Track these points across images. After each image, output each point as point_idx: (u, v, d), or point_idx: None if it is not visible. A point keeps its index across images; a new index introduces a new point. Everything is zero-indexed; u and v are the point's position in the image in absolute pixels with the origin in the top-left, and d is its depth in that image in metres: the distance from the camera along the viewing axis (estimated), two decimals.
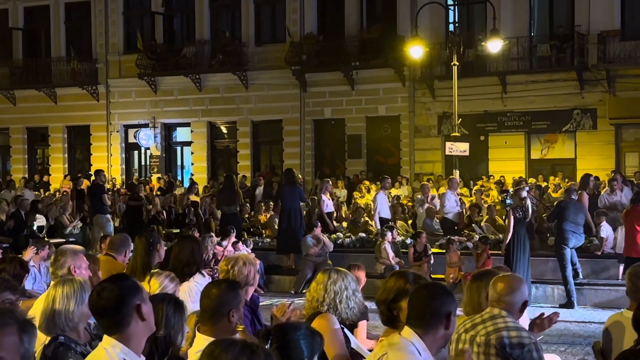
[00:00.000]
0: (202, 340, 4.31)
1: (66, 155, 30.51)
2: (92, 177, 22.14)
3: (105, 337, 3.55)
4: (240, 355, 2.80)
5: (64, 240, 16.40)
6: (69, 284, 4.55)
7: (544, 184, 21.81)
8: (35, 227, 17.63)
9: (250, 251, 15.22)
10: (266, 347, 3.18)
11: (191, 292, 6.61)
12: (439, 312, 3.73)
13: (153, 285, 5.29)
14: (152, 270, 6.45)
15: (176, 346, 4.22)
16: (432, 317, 3.73)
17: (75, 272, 5.68)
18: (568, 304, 13.24)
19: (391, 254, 14.73)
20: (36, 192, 24.27)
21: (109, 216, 18.18)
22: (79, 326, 4.54)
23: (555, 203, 15.83)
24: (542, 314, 5.11)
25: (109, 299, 3.50)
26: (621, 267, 14.01)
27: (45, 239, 15.30)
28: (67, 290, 4.50)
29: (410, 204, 20.56)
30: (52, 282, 5.13)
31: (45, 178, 28.85)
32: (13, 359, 2.74)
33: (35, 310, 4.63)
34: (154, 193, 22.60)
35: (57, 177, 28.95)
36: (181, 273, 6.68)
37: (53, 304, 4.47)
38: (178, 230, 17.41)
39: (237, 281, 5.19)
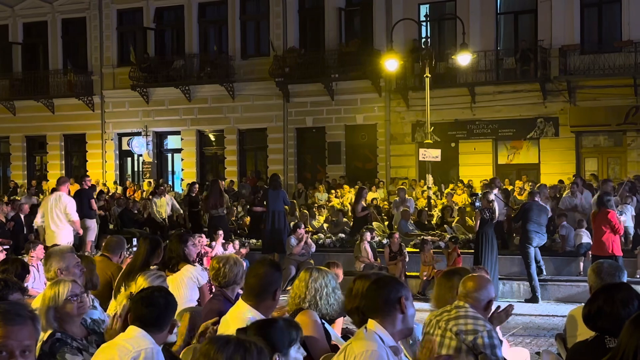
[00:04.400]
0: (245, 309, 4.51)
1: (63, 162, 30.29)
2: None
3: (133, 327, 3.97)
4: (234, 353, 2.76)
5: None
6: (60, 284, 4.54)
7: (510, 188, 21.90)
8: (33, 230, 17.46)
9: (243, 252, 15.22)
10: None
11: (182, 282, 6.61)
12: (390, 300, 3.79)
13: (140, 282, 5.25)
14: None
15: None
16: (386, 305, 3.78)
17: (61, 274, 5.61)
18: (533, 299, 13.32)
19: (370, 253, 14.75)
20: (34, 197, 24.05)
21: (94, 220, 17.93)
22: (74, 322, 4.52)
23: (520, 205, 15.90)
24: (499, 307, 5.16)
25: (158, 304, 3.97)
26: (581, 264, 14.13)
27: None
28: (61, 290, 4.49)
29: (386, 206, 20.59)
30: (48, 283, 5.11)
31: (43, 183, 28.63)
32: (34, 345, 2.88)
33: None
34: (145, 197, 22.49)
35: (55, 183, 28.69)
36: (171, 265, 6.74)
37: (47, 302, 4.47)
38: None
39: (279, 262, 5.37)
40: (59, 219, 13.41)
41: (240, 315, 4.51)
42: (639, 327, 3.23)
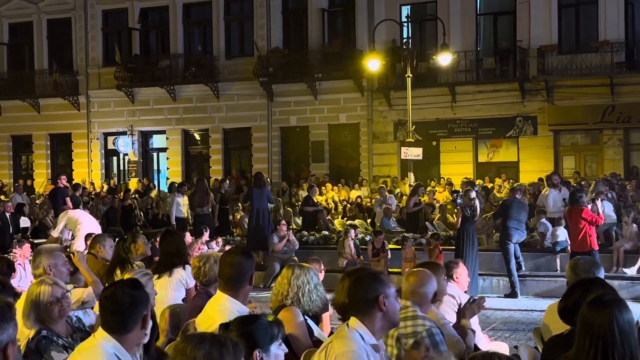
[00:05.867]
0: (224, 299, 4.50)
1: (49, 161, 30.08)
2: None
3: (100, 330, 3.48)
4: (211, 350, 2.75)
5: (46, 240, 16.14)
6: (41, 287, 4.50)
7: (489, 185, 22.03)
8: (20, 228, 17.37)
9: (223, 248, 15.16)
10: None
11: (171, 283, 6.59)
12: (368, 298, 3.74)
13: None
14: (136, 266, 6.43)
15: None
16: (365, 304, 3.74)
17: (50, 271, 5.58)
18: (512, 294, 13.39)
19: (353, 250, 14.79)
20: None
21: None
22: (58, 322, 4.49)
23: (500, 202, 15.99)
24: (471, 297, 5.19)
25: (122, 303, 3.44)
26: (558, 261, 14.23)
27: (30, 239, 15.08)
28: (42, 293, 4.46)
29: (369, 204, 20.63)
30: (33, 281, 5.07)
31: (29, 182, 28.48)
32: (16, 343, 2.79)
33: (19, 306, 4.56)
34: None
35: (41, 181, 28.62)
36: (170, 264, 6.68)
37: (29, 305, 4.43)
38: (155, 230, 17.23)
39: (248, 249, 5.26)
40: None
41: (221, 307, 4.50)
42: (600, 309, 3.34)
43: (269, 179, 22.59)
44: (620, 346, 3.29)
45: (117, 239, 8.26)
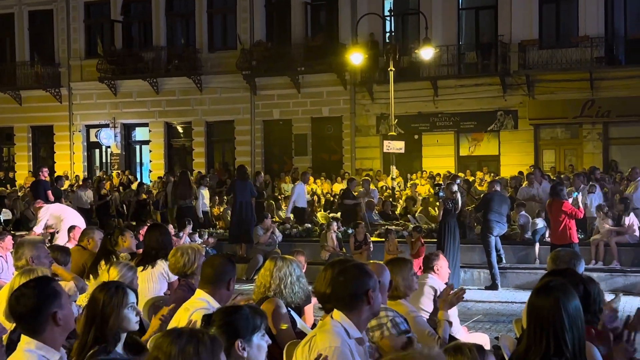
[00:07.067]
0: (200, 295, 4.62)
1: (31, 153, 29.83)
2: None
3: (22, 336, 3.42)
4: (187, 345, 2.72)
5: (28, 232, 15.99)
6: (27, 274, 4.46)
7: (471, 179, 22.11)
8: (2, 220, 17.20)
9: (211, 241, 15.14)
10: (210, 330, 3.09)
11: (153, 275, 6.56)
12: (358, 292, 3.71)
13: (112, 273, 5.21)
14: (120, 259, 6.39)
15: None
16: (354, 298, 3.72)
17: (33, 262, 5.56)
18: (493, 286, 13.46)
19: (336, 243, 14.79)
20: (2, 188, 23.70)
21: None
22: None
23: (481, 195, 16.06)
24: (450, 288, 5.20)
25: (25, 306, 3.35)
26: (536, 250, 14.33)
27: (11, 232, 14.92)
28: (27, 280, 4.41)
29: None
30: (15, 273, 5.03)
31: (11, 174, 28.24)
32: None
33: (1, 299, 4.52)
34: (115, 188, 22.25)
35: (22, 174, 28.34)
36: (152, 257, 6.67)
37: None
38: (135, 223, 17.13)
39: (234, 256, 5.28)
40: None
41: (196, 301, 4.60)
42: (547, 295, 3.41)
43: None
44: (570, 330, 3.33)
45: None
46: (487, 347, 5.76)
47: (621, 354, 3.70)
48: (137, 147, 29.23)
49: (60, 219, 12.29)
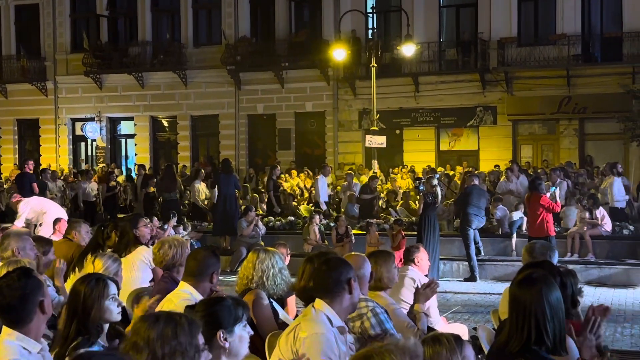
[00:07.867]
0: (183, 287, 4.68)
1: (16, 146, 29.54)
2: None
3: (4, 328, 3.38)
4: (165, 328, 2.71)
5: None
6: (13, 265, 4.42)
7: (451, 173, 22.19)
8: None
9: (194, 235, 15.08)
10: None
11: (134, 264, 6.53)
12: (339, 281, 3.77)
13: (97, 265, 5.18)
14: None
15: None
16: (335, 286, 3.76)
17: (19, 253, 5.53)
18: (471, 278, 13.54)
19: (318, 235, 14.80)
20: None
21: None
22: None
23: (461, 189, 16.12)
24: (427, 283, 5.25)
25: (12, 297, 3.34)
26: (513, 242, 14.44)
27: None
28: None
29: (334, 190, 20.63)
30: (0, 264, 4.98)
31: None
32: None
33: None
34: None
35: (8, 166, 28.09)
36: (126, 243, 6.66)
37: None
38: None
39: (218, 249, 5.28)
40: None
41: (179, 292, 4.64)
42: (529, 286, 3.45)
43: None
44: (551, 320, 3.37)
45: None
46: (465, 337, 5.80)
47: (585, 344, 3.74)
48: (123, 140, 29.05)
49: (43, 212, 12.23)
